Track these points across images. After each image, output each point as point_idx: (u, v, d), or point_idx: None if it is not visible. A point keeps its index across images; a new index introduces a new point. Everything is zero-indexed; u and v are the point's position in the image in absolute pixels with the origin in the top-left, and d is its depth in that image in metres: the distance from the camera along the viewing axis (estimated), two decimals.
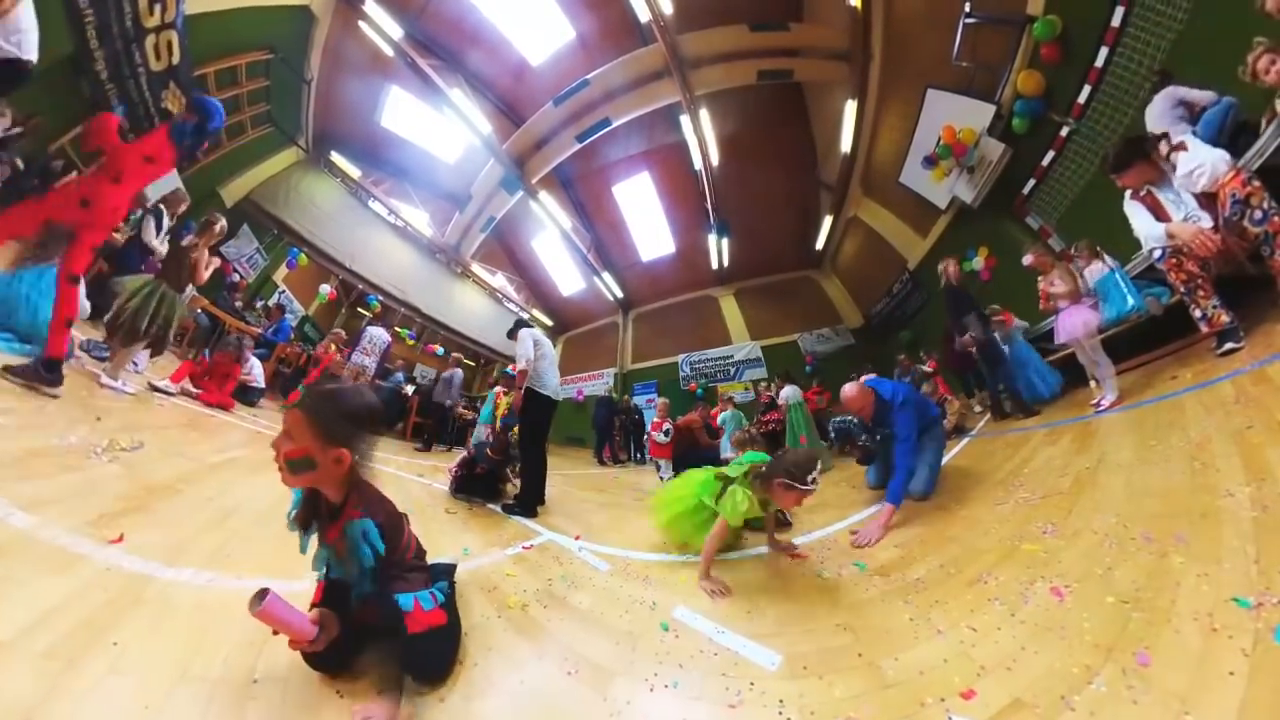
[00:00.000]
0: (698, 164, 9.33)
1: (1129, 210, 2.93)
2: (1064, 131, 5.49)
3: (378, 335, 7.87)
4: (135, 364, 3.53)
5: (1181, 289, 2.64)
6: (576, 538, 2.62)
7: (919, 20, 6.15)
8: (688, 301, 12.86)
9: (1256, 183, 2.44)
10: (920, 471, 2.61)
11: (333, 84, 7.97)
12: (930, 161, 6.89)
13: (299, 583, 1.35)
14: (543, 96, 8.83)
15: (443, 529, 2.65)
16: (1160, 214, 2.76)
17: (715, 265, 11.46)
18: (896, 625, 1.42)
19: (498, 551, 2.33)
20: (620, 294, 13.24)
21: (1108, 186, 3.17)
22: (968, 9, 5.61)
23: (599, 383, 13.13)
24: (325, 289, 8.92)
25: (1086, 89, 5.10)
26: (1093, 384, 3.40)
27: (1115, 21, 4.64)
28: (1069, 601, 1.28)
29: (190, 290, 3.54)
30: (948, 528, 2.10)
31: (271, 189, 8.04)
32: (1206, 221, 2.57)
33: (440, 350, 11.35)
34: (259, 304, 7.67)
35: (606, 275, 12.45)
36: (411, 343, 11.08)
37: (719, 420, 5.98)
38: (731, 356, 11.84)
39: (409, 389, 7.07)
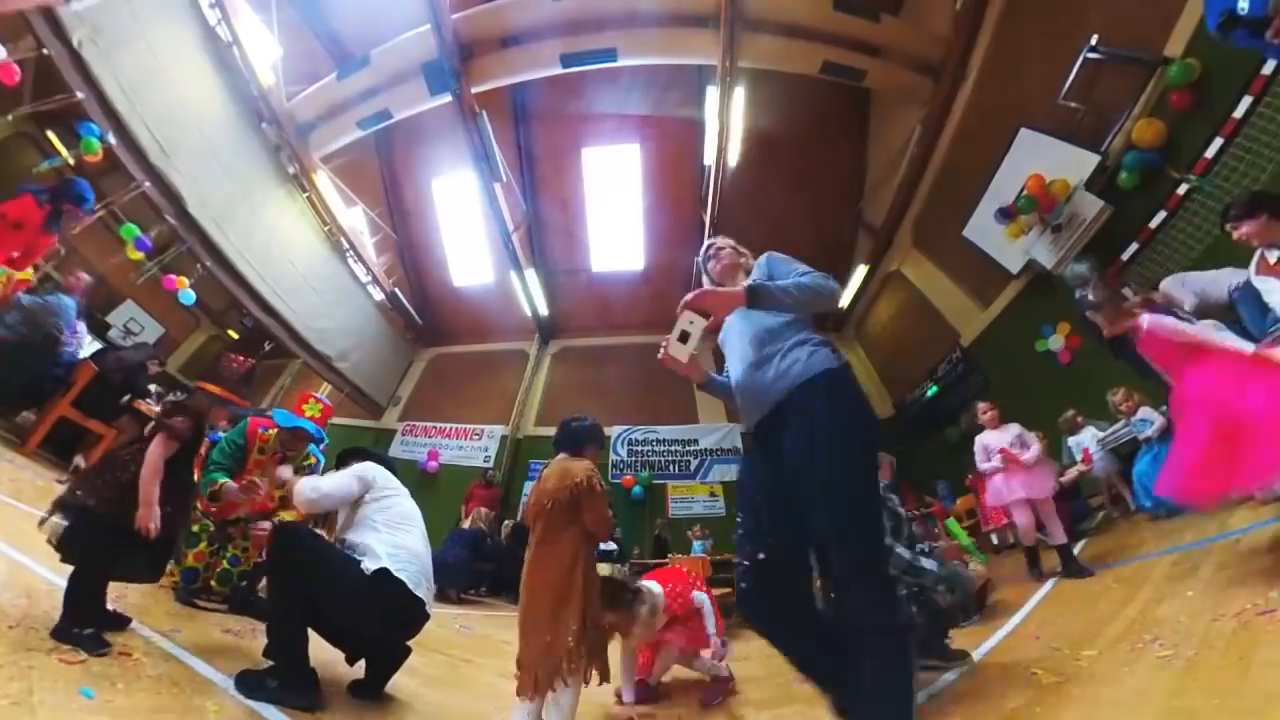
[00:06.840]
0: (709, 157, 8.72)
1: (1258, 284, 3.15)
2: (1182, 189, 5.58)
3: None
4: None
5: None
6: None
7: (1031, 46, 6.53)
8: (644, 347, 10.88)
9: None
10: None
11: None
12: (1007, 214, 7.06)
13: None
14: None
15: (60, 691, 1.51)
16: None
17: None
18: None
19: None
20: (545, 310, 11.30)
21: (1230, 252, 3.48)
22: (1094, 42, 5.88)
23: (472, 446, 10.34)
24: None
25: (1217, 142, 5.31)
26: None
27: (1267, 69, 4.88)
28: None
29: None
30: (1058, 715, 1.78)
31: None
32: None
33: (186, 292, 7.10)
34: None
35: (531, 274, 10.60)
36: (139, 255, 6.77)
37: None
38: (696, 441, 10.28)
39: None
